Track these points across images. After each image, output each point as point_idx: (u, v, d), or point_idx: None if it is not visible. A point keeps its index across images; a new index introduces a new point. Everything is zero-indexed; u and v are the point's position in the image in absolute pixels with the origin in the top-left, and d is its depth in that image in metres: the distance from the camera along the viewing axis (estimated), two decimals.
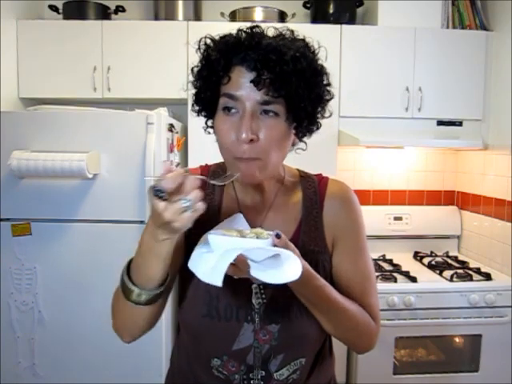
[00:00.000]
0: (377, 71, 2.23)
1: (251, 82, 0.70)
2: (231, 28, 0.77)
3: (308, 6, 2.38)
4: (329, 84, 0.78)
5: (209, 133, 0.84)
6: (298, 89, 0.71)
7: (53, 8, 2.33)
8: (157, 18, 2.35)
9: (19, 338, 1.84)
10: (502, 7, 2.20)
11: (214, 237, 0.67)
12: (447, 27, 2.29)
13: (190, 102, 0.86)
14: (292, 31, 0.77)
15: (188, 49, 2.17)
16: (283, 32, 0.76)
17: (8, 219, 1.81)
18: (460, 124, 2.29)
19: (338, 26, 2.21)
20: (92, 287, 1.82)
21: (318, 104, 0.77)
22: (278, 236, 0.65)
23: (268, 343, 0.78)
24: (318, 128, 0.82)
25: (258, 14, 2.28)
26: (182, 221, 0.61)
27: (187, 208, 0.61)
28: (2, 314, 1.83)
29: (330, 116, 0.81)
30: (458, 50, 2.25)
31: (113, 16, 2.40)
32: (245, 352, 0.78)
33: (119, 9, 2.38)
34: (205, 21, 2.38)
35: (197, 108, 0.81)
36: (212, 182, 0.71)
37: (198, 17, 2.36)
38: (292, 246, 0.68)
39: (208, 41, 0.76)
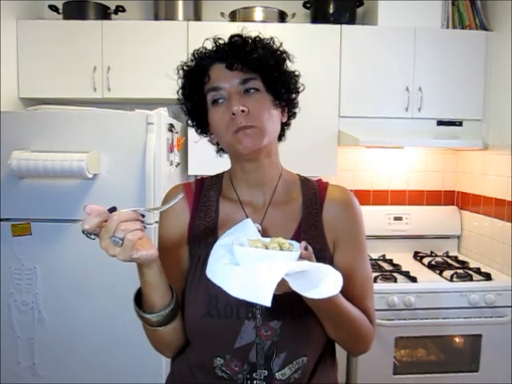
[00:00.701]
0: (377, 71, 2.23)
1: (226, 67, 0.79)
2: (231, 28, 0.85)
3: (308, 6, 2.38)
4: (290, 60, 0.86)
5: (211, 141, 0.91)
6: (267, 60, 0.80)
7: (53, 8, 2.33)
8: (157, 18, 2.35)
9: (19, 338, 1.84)
10: (502, 7, 2.20)
11: (240, 249, 0.67)
12: (447, 27, 2.29)
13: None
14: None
15: (188, 49, 2.17)
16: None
17: (8, 219, 1.81)
18: (460, 124, 2.29)
19: (338, 26, 2.21)
20: (92, 287, 1.82)
21: (289, 77, 0.85)
22: (306, 248, 0.68)
23: (270, 339, 0.79)
24: (295, 98, 0.88)
25: (258, 14, 2.28)
26: (120, 254, 0.65)
27: (115, 243, 0.64)
28: (2, 314, 1.83)
29: (303, 89, 0.88)
30: (458, 50, 2.25)
31: (113, 16, 2.40)
32: (247, 349, 0.79)
33: (119, 9, 2.38)
34: (205, 21, 2.38)
35: (192, 123, 0.89)
36: (151, 210, 0.76)
37: (198, 17, 2.36)
38: (314, 258, 0.69)
39: (183, 65, 0.86)
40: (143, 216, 0.69)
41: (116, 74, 2.19)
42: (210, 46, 0.85)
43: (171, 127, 1.94)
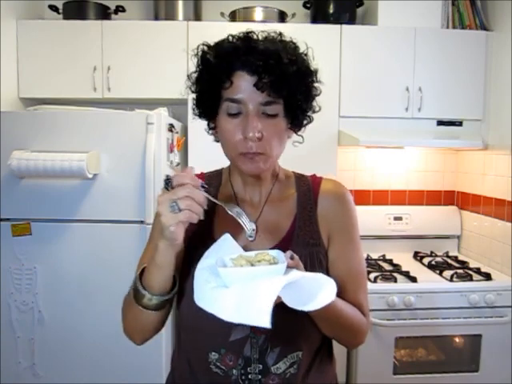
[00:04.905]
0: (377, 71, 2.23)
1: (254, 85, 0.75)
2: (230, 29, 0.82)
3: (308, 6, 2.38)
4: (318, 81, 0.84)
5: (211, 134, 0.88)
6: (296, 89, 0.77)
7: (53, 8, 2.33)
8: (157, 18, 2.35)
9: (19, 338, 1.84)
10: (502, 7, 2.20)
11: (225, 270, 0.65)
12: (447, 27, 2.29)
13: (190, 103, 0.87)
14: (280, 33, 0.81)
15: (188, 49, 2.17)
16: (272, 35, 0.80)
17: (8, 219, 1.81)
18: (460, 124, 2.29)
19: (338, 26, 2.21)
20: (92, 287, 1.82)
21: (310, 101, 0.83)
22: (292, 257, 0.68)
23: (265, 333, 0.79)
24: (310, 122, 0.87)
25: (258, 14, 2.28)
26: (165, 217, 0.66)
27: (172, 208, 0.66)
28: (2, 314, 1.83)
29: (319, 110, 0.86)
30: (458, 49, 2.25)
31: (113, 16, 2.40)
32: (242, 343, 0.79)
33: (119, 9, 2.38)
34: (205, 21, 2.38)
35: (198, 111, 0.85)
36: (227, 207, 0.77)
37: (197, 17, 2.36)
38: (301, 265, 0.70)
39: (205, 48, 0.80)
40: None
41: (116, 73, 2.19)
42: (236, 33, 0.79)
43: (171, 127, 1.94)
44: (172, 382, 0.92)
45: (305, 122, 0.86)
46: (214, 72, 0.77)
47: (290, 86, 0.76)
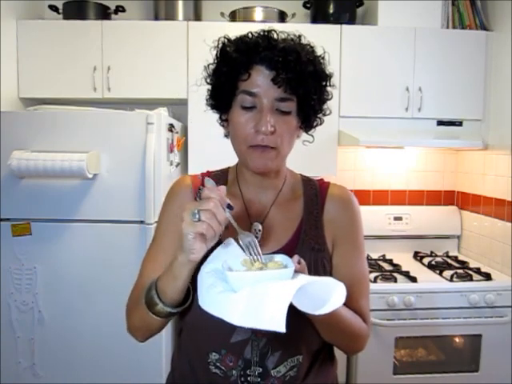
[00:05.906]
0: (377, 71, 2.23)
1: (272, 80, 0.76)
2: (230, 29, 0.81)
3: (308, 6, 2.38)
4: (331, 85, 0.85)
5: (223, 125, 0.88)
6: (311, 89, 0.79)
7: (53, 8, 2.33)
8: (157, 18, 2.35)
9: (19, 338, 1.84)
10: (502, 7, 2.20)
11: (233, 274, 0.65)
12: (447, 27, 2.29)
13: (190, 103, 0.87)
14: (299, 36, 0.82)
15: (188, 49, 2.17)
16: (292, 36, 0.81)
17: (8, 219, 1.81)
18: (460, 124, 2.29)
19: (338, 26, 2.21)
20: (92, 287, 1.82)
21: (323, 103, 0.85)
22: (299, 262, 0.68)
23: (266, 336, 0.79)
24: (320, 123, 0.89)
25: (258, 14, 2.28)
26: (185, 223, 0.66)
27: (193, 215, 0.65)
28: (2, 314, 1.83)
29: (330, 113, 0.88)
30: (458, 49, 2.25)
31: (113, 16, 2.40)
32: (243, 345, 0.79)
33: (119, 9, 2.38)
34: (205, 21, 2.38)
35: (211, 103, 0.85)
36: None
37: (197, 17, 2.36)
38: (307, 270, 0.70)
39: (226, 41, 0.81)
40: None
41: (116, 73, 2.19)
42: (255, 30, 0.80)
43: (171, 127, 1.94)
44: (172, 381, 0.92)
45: (315, 123, 0.87)
46: (233, 64, 0.78)
47: (306, 84, 0.78)
